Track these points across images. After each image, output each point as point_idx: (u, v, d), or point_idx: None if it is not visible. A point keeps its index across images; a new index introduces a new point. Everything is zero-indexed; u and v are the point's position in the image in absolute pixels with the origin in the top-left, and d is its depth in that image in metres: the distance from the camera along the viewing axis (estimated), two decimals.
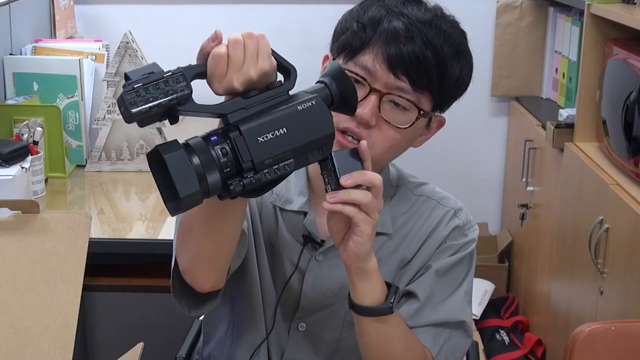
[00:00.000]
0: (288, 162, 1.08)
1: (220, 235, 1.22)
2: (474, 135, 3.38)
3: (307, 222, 1.39)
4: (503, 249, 3.26)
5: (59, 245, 1.21)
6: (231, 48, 1.07)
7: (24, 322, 1.17)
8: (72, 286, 1.19)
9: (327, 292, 1.41)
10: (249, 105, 1.08)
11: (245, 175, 1.05)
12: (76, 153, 2.48)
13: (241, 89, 1.08)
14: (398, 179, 1.46)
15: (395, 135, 1.31)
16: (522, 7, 3.22)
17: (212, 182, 1.04)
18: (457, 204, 1.45)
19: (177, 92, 1.03)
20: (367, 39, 1.29)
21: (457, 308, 1.40)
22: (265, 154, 1.06)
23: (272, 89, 1.10)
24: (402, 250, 1.41)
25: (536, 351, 2.86)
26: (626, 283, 2.02)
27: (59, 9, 2.92)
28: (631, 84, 2.09)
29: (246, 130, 1.06)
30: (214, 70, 1.07)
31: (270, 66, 1.09)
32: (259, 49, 1.08)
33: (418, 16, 1.29)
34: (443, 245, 1.41)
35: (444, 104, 1.36)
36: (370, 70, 1.29)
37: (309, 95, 1.11)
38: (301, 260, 1.39)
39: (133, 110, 1.00)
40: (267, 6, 3.23)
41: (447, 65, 1.30)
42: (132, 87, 1.01)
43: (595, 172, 2.24)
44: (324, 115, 1.11)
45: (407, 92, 1.29)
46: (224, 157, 1.04)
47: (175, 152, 1.02)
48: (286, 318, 1.43)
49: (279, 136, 1.07)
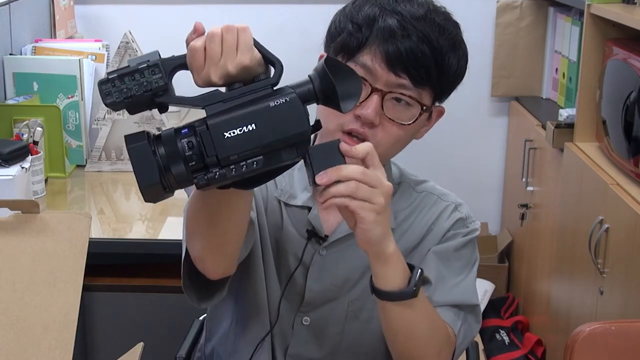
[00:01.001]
0: (257, 159, 1.06)
1: (227, 226, 1.22)
2: (474, 135, 3.38)
3: (311, 217, 1.40)
4: (503, 249, 3.26)
5: (59, 245, 1.21)
6: (208, 42, 1.07)
7: (24, 322, 1.17)
8: (72, 286, 1.19)
9: (331, 286, 1.42)
10: (228, 99, 1.07)
11: (210, 170, 1.05)
12: (76, 153, 2.48)
13: (220, 82, 1.08)
14: (400, 176, 1.47)
15: (399, 131, 1.33)
16: (522, 7, 3.22)
17: (176, 174, 1.04)
18: (457, 200, 1.47)
19: (151, 84, 1.04)
20: (364, 39, 1.30)
21: (470, 291, 1.41)
22: (231, 150, 1.05)
23: (258, 82, 1.09)
24: (403, 242, 1.42)
25: (536, 351, 2.86)
26: (626, 283, 2.02)
27: (59, 9, 2.92)
28: (631, 84, 2.09)
29: (213, 124, 1.05)
30: (191, 63, 1.08)
31: (252, 60, 1.08)
32: (239, 43, 1.07)
33: (412, 12, 1.30)
34: (447, 234, 1.43)
35: (444, 96, 1.38)
36: (370, 70, 1.30)
37: (289, 90, 1.09)
38: (305, 255, 1.40)
39: (107, 102, 1.03)
40: (267, 6, 3.23)
41: (444, 58, 1.31)
42: (108, 78, 1.03)
43: (595, 172, 2.24)
44: (297, 112, 1.08)
45: (408, 88, 1.30)
46: (189, 151, 1.04)
47: (138, 143, 1.04)
48: (290, 312, 1.44)
49: (247, 132, 1.05)
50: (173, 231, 2.07)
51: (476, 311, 1.42)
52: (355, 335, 1.43)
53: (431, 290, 1.38)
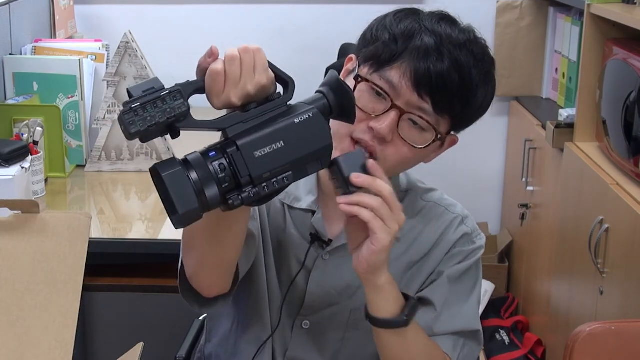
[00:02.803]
0: (286, 175, 1.09)
1: (223, 243, 1.22)
2: (474, 135, 3.36)
3: (315, 221, 1.40)
4: (503, 249, 3.26)
5: (59, 245, 1.21)
6: (228, 64, 1.07)
7: (24, 322, 1.17)
8: (72, 286, 1.19)
9: (332, 291, 1.42)
10: (248, 119, 1.09)
11: (244, 190, 1.06)
12: (76, 153, 2.48)
13: (239, 103, 1.08)
14: (407, 184, 1.46)
15: (409, 153, 1.31)
16: (522, 7, 3.22)
17: (210, 197, 1.05)
18: (464, 212, 1.46)
19: (174, 110, 1.04)
20: (398, 53, 1.27)
21: (472, 317, 1.42)
22: (263, 168, 1.07)
23: (271, 101, 1.10)
24: (410, 253, 1.42)
25: (536, 351, 2.86)
26: (626, 283, 2.02)
27: (59, 9, 2.92)
28: (631, 84, 2.09)
29: (243, 145, 1.06)
30: (211, 87, 1.08)
31: (268, 79, 1.09)
32: (256, 63, 1.08)
33: (451, 36, 1.28)
34: (452, 250, 1.42)
35: (462, 127, 1.37)
36: (395, 86, 1.27)
37: (307, 107, 1.11)
38: (308, 259, 1.40)
39: (132, 131, 1.02)
40: (267, 6, 3.23)
41: (472, 91, 1.29)
42: (130, 107, 1.02)
43: (595, 172, 2.24)
44: (321, 126, 1.11)
45: (428, 113, 1.28)
46: (222, 173, 1.05)
47: (173, 170, 1.04)
48: (290, 316, 1.44)
49: (276, 150, 1.08)
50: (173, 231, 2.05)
51: (477, 336, 1.42)
52: (357, 344, 1.43)
53: (434, 317, 1.38)
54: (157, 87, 1.04)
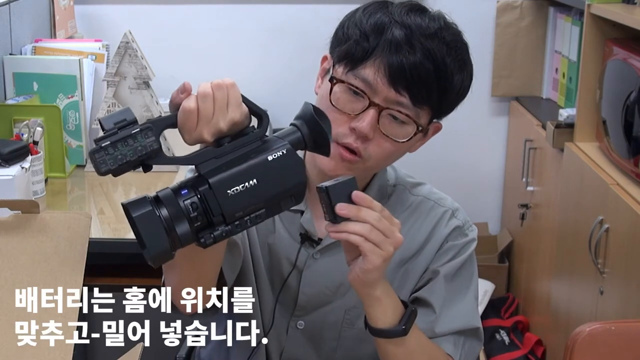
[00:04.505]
0: (260, 213, 1.08)
1: (201, 264, 1.22)
2: (474, 135, 3.38)
3: (304, 220, 1.39)
4: (503, 249, 3.26)
5: (59, 245, 1.21)
6: (200, 101, 1.07)
7: (24, 321, 1.17)
8: (72, 286, 1.19)
9: (325, 290, 1.42)
10: (220, 154, 1.08)
11: (217, 228, 1.06)
12: (76, 153, 2.48)
13: (211, 139, 1.08)
14: (395, 178, 1.46)
15: (392, 147, 1.31)
16: (522, 7, 3.22)
17: (181, 234, 1.05)
18: (454, 205, 1.46)
19: (145, 148, 1.04)
20: (370, 50, 1.27)
21: (471, 315, 1.41)
22: (236, 208, 1.06)
23: (245, 135, 1.09)
24: (400, 250, 1.40)
25: (536, 351, 2.86)
26: (626, 283, 2.02)
27: (59, 9, 2.91)
28: (631, 84, 2.09)
29: (215, 183, 1.06)
30: (184, 124, 1.07)
31: (241, 115, 1.09)
32: (229, 99, 1.08)
33: (421, 27, 1.27)
34: (445, 245, 1.42)
35: (442, 114, 1.36)
36: (370, 83, 1.27)
37: (281, 142, 1.10)
38: (298, 259, 1.40)
39: (102, 170, 1.03)
40: (267, 6, 3.23)
41: (448, 78, 1.29)
42: (101, 146, 1.02)
43: (595, 172, 2.24)
44: (295, 163, 1.10)
45: (406, 107, 1.28)
46: (194, 212, 1.05)
47: (143, 210, 1.04)
48: (284, 316, 1.44)
49: (249, 188, 1.07)
50: None
51: (478, 333, 1.42)
52: (352, 342, 1.43)
53: (434, 319, 1.38)
54: (129, 119, 1.04)
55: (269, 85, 3.11)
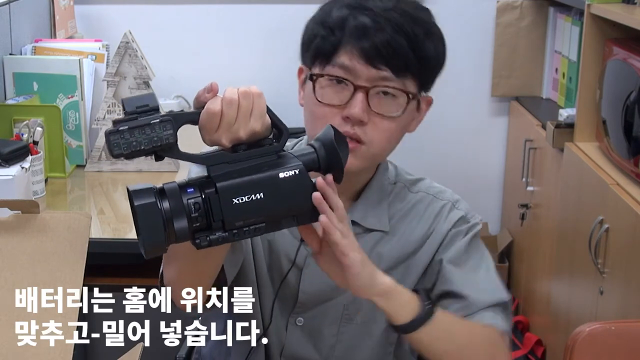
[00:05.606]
0: (259, 226, 1.08)
1: (202, 261, 1.22)
2: (474, 135, 3.38)
3: None
4: (503, 249, 3.26)
5: (59, 245, 1.21)
6: (225, 106, 1.07)
7: (24, 321, 1.17)
8: (72, 286, 1.19)
9: (325, 288, 1.41)
10: (233, 160, 1.08)
11: (214, 232, 1.06)
12: (76, 153, 2.48)
13: (229, 145, 1.08)
14: (396, 176, 1.47)
15: (390, 125, 1.32)
16: (522, 7, 3.22)
17: (178, 230, 1.05)
18: (454, 196, 1.46)
19: (161, 140, 1.03)
20: (338, 40, 1.30)
21: (496, 289, 1.39)
22: (238, 217, 1.06)
23: (262, 146, 1.09)
24: (400, 246, 1.41)
25: (536, 351, 2.86)
26: (626, 283, 2.02)
27: (59, 9, 2.91)
28: (631, 84, 2.09)
29: (222, 189, 1.05)
30: (205, 124, 1.08)
31: (262, 126, 1.09)
32: (254, 109, 1.08)
33: (381, 6, 1.31)
34: (449, 234, 1.41)
35: (428, 83, 1.37)
36: (349, 68, 1.30)
37: (295, 160, 1.09)
38: (298, 257, 1.40)
39: (115, 153, 1.02)
40: (266, 6, 3.23)
41: (421, 45, 1.31)
42: (118, 129, 1.02)
43: (595, 172, 2.24)
44: (305, 186, 1.09)
45: (391, 80, 1.30)
46: (195, 212, 1.05)
47: (146, 201, 1.04)
48: (284, 313, 1.44)
49: (255, 201, 1.06)
50: None
51: (508, 306, 1.40)
52: (352, 337, 1.43)
53: (462, 304, 1.36)
54: (151, 106, 1.04)
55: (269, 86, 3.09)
